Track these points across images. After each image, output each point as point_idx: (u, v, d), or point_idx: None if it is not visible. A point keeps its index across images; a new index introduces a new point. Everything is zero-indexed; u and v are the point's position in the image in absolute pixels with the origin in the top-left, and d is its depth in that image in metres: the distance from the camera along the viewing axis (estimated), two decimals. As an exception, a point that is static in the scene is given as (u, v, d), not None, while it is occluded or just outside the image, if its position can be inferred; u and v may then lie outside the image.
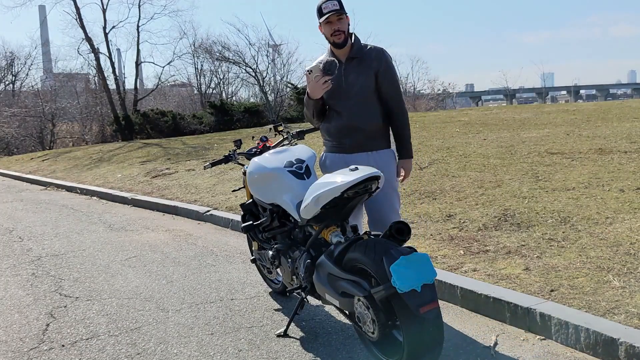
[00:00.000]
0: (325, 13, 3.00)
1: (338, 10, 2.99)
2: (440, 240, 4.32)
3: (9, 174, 13.63)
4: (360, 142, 3.11)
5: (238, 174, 8.08)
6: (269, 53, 26.42)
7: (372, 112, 3.12)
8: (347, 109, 3.09)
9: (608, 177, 5.39)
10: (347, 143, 3.13)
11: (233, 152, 3.79)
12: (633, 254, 3.56)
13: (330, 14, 2.99)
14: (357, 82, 3.08)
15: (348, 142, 3.13)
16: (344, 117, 3.10)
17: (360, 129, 3.10)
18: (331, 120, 3.17)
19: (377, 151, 3.13)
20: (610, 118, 10.19)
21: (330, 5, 2.99)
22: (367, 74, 3.08)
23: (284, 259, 3.19)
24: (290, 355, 2.90)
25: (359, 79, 3.08)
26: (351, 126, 3.10)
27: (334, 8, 2.99)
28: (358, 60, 3.11)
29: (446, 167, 6.77)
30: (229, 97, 30.76)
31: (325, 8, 3.00)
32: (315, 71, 2.92)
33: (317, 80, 2.92)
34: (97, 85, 27.50)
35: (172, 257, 4.89)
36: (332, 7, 2.98)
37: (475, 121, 11.60)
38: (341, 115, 3.11)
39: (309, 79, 2.97)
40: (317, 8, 3.05)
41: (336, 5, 3.00)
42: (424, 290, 2.30)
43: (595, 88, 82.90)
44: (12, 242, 5.80)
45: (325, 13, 3.00)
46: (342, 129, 3.13)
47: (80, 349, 3.07)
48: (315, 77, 2.92)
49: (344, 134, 3.13)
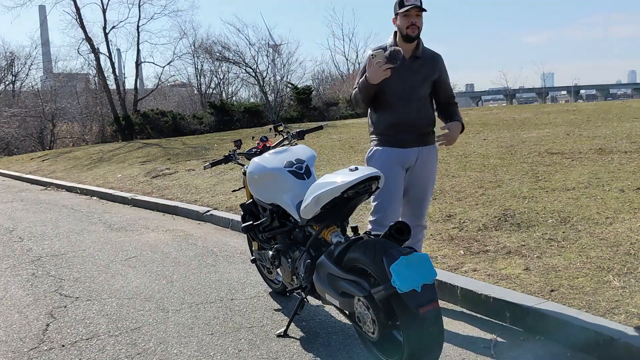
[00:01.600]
0: (406, 5, 3.08)
1: (420, 7, 3.09)
2: (440, 240, 4.32)
3: (9, 174, 13.63)
4: (415, 138, 3.23)
5: (238, 174, 8.07)
6: (269, 53, 26.46)
7: (430, 112, 3.30)
8: (408, 106, 3.19)
9: (608, 177, 5.39)
10: (402, 138, 3.21)
11: (233, 152, 3.79)
12: (633, 254, 3.56)
13: (412, 8, 3.07)
14: (420, 82, 3.19)
15: (403, 137, 3.21)
16: (404, 113, 3.19)
17: (417, 126, 3.23)
18: (386, 114, 3.24)
19: (426, 146, 3.28)
20: (610, 118, 10.19)
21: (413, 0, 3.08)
22: (428, 76, 3.22)
23: (284, 259, 3.19)
24: (290, 355, 2.90)
25: (419, 79, 3.20)
26: (409, 122, 3.21)
27: (416, 3, 3.08)
28: (421, 61, 3.20)
29: (446, 167, 6.77)
30: (229, 97, 30.80)
31: (408, 1, 3.09)
32: (378, 57, 2.96)
33: (379, 66, 2.97)
34: (97, 86, 27.52)
35: (172, 257, 4.89)
36: (414, 1, 3.08)
37: (475, 121, 11.60)
38: (400, 111, 3.19)
39: (371, 63, 2.99)
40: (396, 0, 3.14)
41: (418, 0, 3.09)
42: (424, 291, 2.30)
43: (595, 88, 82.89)
44: (12, 242, 5.80)
45: (407, 5, 3.07)
46: (399, 124, 3.21)
47: (80, 349, 3.07)
48: (377, 62, 2.96)
49: (401, 129, 3.21)
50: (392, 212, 3.22)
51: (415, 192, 3.29)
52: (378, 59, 2.95)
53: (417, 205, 3.33)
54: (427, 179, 3.31)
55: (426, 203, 3.38)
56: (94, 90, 28.27)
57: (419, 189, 3.29)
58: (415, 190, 3.29)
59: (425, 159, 3.26)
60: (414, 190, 3.29)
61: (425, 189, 3.32)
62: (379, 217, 3.20)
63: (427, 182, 3.32)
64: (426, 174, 3.29)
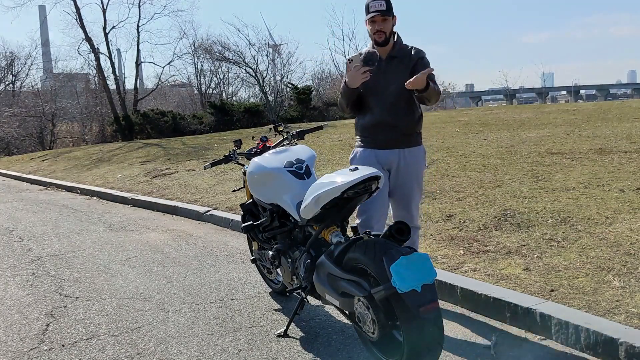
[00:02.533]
0: (370, 11, 3.07)
1: (383, 12, 3.05)
2: (440, 240, 4.32)
3: (9, 174, 13.63)
4: (394, 138, 3.17)
5: (238, 174, 8.07)
6: (269, 53, 26.46)
7: (408, 110, 3.19)
8: (384, 106, 3.15)
9: (608, 177, 5.39)
10: (380, 139, 3.18)
11: (233, 152, 3.79)
12: (633, 254, 3.56)
13: (375, 15, 3.05)
14: (396, 80, 3.11)
15: (382, 138, 3.18)
16: (380, 114, 3.16)
17: (395, 126, 3.17)
18: (366, 116, 3.23)
19: (409, 148, 3.21)
20: (610, 118, 10.19)
21: (377, 5, 3.06)
22: (405, 73, 3.10)
23: (284, 259, 3.19)
24: (290, 355, 2.90)
25: (398, 77, 3.11)
26: (386, 123, 3.16)
27: (380, 8, 3.05)
28: (399, 59, 3.17)
29: (446, 167, 6.77)
30: (229, 97, 30.76)
31: (372, 7, 3.06)
32: (355, 61, 3.00)
33: (357, 69, 2.99)
34: (97, 85, 27.51)
35: (172, 257, 4.89)
36: (378, 6, 3.05)
37: (475, 121, 11.61)
38: (377, 112, 3.17)
39: (349, 68, 3.02)
40: (365, 4, 3.10)
41: (382, 5, 3.05)
42: (424, 291, 2.30)
43: (595, 88, 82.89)
44: (12, 242, 5.80)
45: (371, 11, 3.06)
46: (377, 125, 3.18)
47: (80, 349, 3.07)
48: (355, 66, 2.99)
49: (379, 130, 3.18)
50: (376, 212, 3.18)
51: (400, 194, 3.24)
52: (355, 63, 3.00)
53: (405, 207, 3.27)
54: (411, 182, 3.23)
55: (414, 205, 3.29)
56: (94, 90, 28.26)
57: (404, 191, 3.23)
58: (401, 192, 3.23)
59: (408, 161, 3.20)
60: (399, 192, 3.23)
61: (410, 191, 3.24)
62: (363, 219, 3.17)
63: (412, 185, 3.24)
64: (410, 176, 3.22)
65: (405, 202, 3.27)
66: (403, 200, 3.26)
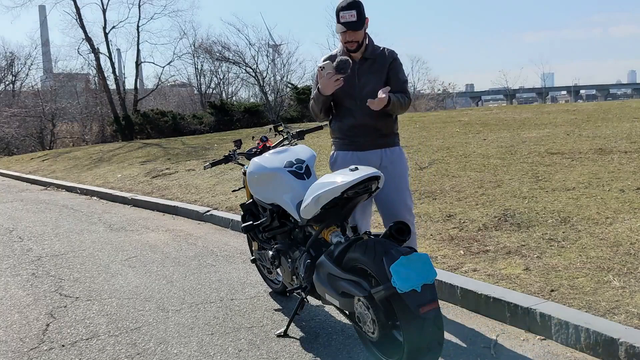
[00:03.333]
0: (341, 22, 2.98)
1: (354, 25, 2.97)
2: (440, 241, 4.32)
3: (9, 174, 13.63)
4: (373, 140, 3.16)
5: (238, 174, 8.07)
6: (269, 53, 26.45)
7: (388, 113, 3.13)
8: (361, 108, 3.09)
9: (608, 177, 5.40)
10: (360, 141, 3.16)
11: (233, 152, 3.79)
12: (633, 254, 3.56)
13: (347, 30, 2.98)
14: (370, 82, 3.11)
15: (361, 140, 3.16)
16: (357, 116, 3.13)
17: (373, 127, 3.15)
18: (343, 118, 3.19)
19: (389, 148, 3.20)
20: (610, 118, 10.19)
21: (348, 16, 2.96)
22: (380, 74, 3.12)
23: (284, 259, 3.19)
24: (290, 355, 2.90)
25: (372, 78, 3.11)
26: (365, 125, 3.14)
27: (350, 20, 2.96)
28: (371, 61, 3.14)
29: (446, 167, 6.77)
30: (229, 97, 30.77)
31: (343, 17, 2.97)
32: (327, 68, 2.95)
33: (329, 77, 2.95)
34: (97, 85, 27.50)
35: (172, 257, 4.89)
36: (349, 18, 2.96)
37: (475, 121, 11.60)
38: (354, 114, 3.14)
39: (321, 75, 2.99)
40: (335, 9, 3.02)
41: (353, 16, 2.95)
42: (424, 291, 2.30)
43: (595, 88, 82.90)
44: (12, 242, 5.80)
45: (342, 22, 2.97)
46: (355, 127, 3.16)
47: (80, 349, 3.07)
48: (327, 74, 2.95)
49: (358, 133, 3.17)
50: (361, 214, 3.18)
51: (387, 193, 3.13)
52: (327, 70, 2.95)
53: (394, 205, 3.19)
54: (398, 178, 3.18)
55: (402, 200, 3.20)
56: (94, 90, 28.25)
57: (390, 189, 3.13)
58: (387, 191, 3.12)
59: (391, 159, 3.18)
60: (386, 191, 3.11)
61: (398, 188, 3.18)
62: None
63: (399, 181, 3.19)
64: (394, 173, 3.17)
65: (393, 200, 3.19)
66: (390, 199, 3.19)
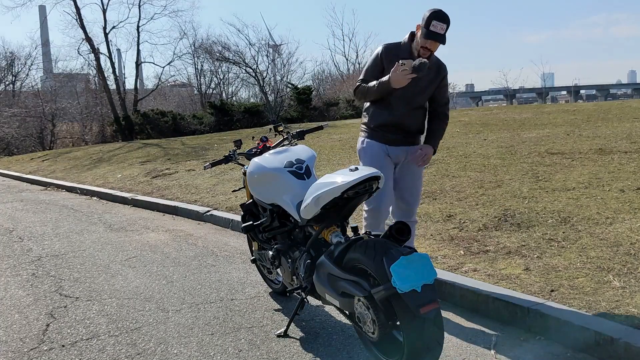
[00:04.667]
0: (430, 30, 3.09)
1: (441, 38, 3.11)
2: (440, 241, 4.32)
3: (9, 174, 13.63)
4: (401, 138, 3.39)
5: (238, 174, 8.08)
6: (269, 53, 26.49)
7: (423, 116, 3.44)
8: (407, 110, 3.32)
9: (608, 177, 5.40)
10: (391, 137, 3.37)
11: (233, 152, 3.79)
12: (633, 254, 3.56)
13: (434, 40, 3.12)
14: (425, 90, 3.33)
15: (392, 137, 3.37)
16: (401, 115, 3.33)
17: (409, 129, 3.39)
18: (384, 111, 3.35)
19: (413, 146, 3.43)
20: (611, 118, 10.19)
21: (439, 28, 3.09)
22: (434, 85, 3.35)
23: (284, 259, 3.19)
24: (290, 355, 2.90)
25: (427, 87, 3.33)
26: (404, 125, 3.36)
27: (440, 32, 3.10)
28: (430, 70, 3.26)
29: (446, 167, 6.77)
30: (229, 97, 30.80)
31: (434, 27, 3.09)
32: (407, 65, 3.07)
33: (405, 74, 3.08)
34: (97, 86, 27.54)
35: (172, 258, 4.89)
36: (439, 30, 3.09)
37: (475, 121, 11.61)
38: (393, 111, 3.32)
39: (397, 68, 3.08)
40: (428, 15, 3.10)
41: (444, 29, 3.10)
42: (424, 291, 2.30)
43: (595, 88, 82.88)
44: (12, 242, 5.80)
45: (431, 32, 3.09)
46: (395, 124, 3.37)
47: (80, 349, 3.07)
48: (403, 70, 3.07)
49: (390, 130, 3.37)
50: (387, 198, 3.36)
51: (405, 187, 3.45)
52: (405, 68, 3.07)
53: (408, 200, 3.48)
54: (416, 175, 3.46)
55: (416, 198, 3.51)
56: (94, 90, 28.27)
57: (408, 183, 3.45)
58: (405, 185, 3.45)
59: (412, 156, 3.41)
60: (404, 184, 3.44)
61: (415, 183, 3.47)
62: (374, 206, 3.33)
63: (416, 177, 3.47)
64: (413, 169, 3.44)
65: (409, 195, 3.46)
66: (407, 194, 3.46)
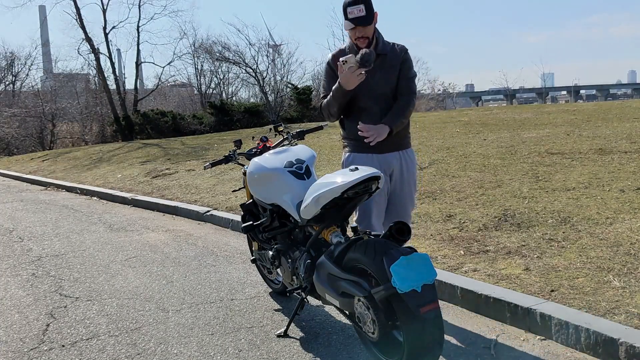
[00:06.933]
0: (349, 18, 2.85)
1: (364, 20, 2.85)
2: (440, 241, 4.32)
3: (9, 174, 13.63)
4: (392, 141, 3.02)
5: (238, 174, 8.07)
6: (269, 53, 26.43)
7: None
8: (378, 108, 3.00)
9: (608, 177, 5.40)
10: (380, 143, 2.97)
11: (233, 152, 3.79)
12: (633, 254, 3.56)
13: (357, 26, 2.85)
14: (388, 82, 3.01)
15: (382, 141, 2.96)
16: (375, 117, 2.99)
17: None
18: (359, 119, 3.00)
19: (405, 150, 3.14)
20: (611, 118, 10.19)
21: (356, 12, 2.82)
22: (393, 71, 3.01)
23: (284, 259, 3.19)
24: (290, 355, 2.90)
25: (386, 76, 3.00)
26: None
27: (359, 15, 2.83)
28: (383, 57, 3.00)
29: (446, 167, 6.77)
30: (229, 97, 30.75)
31: (351, 13, 2.84)
32: (350, 62, 2.80)
33: (352, 71, 2.80)
34: (97, 86, 27.50)
35: (172, 258, 4.89)
36: (357, 13, 2.83)
37: (475, 121, 11.61)
38: (371, 115, 3.00)
39: (342, 69, 2.82)
40: (342, 5, 2.87)
41: (362, 11, 2.83)
42: (424, 291, 2.30)
43: (595, 88, 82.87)
44: (12, 242, 5.80)
45: (350, 18, 2.84)
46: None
47: (80, 349, 3.07)
48: (349, 68, 2.80)
49: None
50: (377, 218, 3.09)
51: (398, 196, 3.14)
52: (350, 64, 2.79)
53: (401, 209, 3.17)
54: (410, 183, 3.17)
55: (410, 206, 3.22)
56: (94, 90, 28.23)
57: (402, 193, 3.14)
58: (399, 194, 3.13)
59: (407, 161, 3.13)
60: (397, 194, 3.13)
61: (409, 193, 3.18)
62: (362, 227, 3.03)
63: (410, 185, 3.17)
64: (407, 177, 3.14)
65: (403, 204, 3.18)
66: (400, 202, 3.17)
